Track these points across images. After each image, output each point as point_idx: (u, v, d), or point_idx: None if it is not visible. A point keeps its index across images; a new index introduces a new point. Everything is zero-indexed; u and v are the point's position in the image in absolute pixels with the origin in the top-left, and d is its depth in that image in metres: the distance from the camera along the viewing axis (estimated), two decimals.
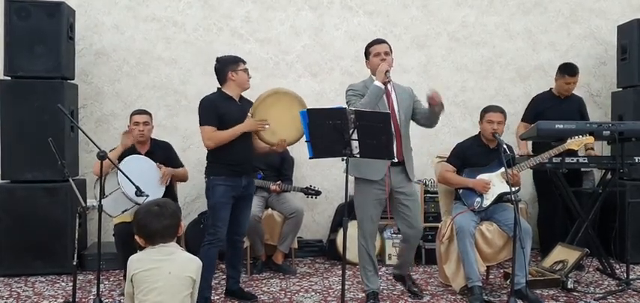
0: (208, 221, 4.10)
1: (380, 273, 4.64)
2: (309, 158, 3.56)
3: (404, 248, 4.26)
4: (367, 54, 4.11)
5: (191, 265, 2.63)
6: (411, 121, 4.13)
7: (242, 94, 4.15)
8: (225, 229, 4.04)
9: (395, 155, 3.87)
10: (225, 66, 4.07)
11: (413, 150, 4.14)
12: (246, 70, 4.10)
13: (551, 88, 5.43)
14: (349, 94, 4.03)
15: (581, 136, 4.38)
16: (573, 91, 5.53)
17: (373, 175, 3.93)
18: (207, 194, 4.07)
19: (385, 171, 3.93)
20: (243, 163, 4.09)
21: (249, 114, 4.00)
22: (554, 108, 5.22)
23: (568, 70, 5.26)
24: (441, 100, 3.86)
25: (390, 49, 4.05)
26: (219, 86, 4.12)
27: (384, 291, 4.46)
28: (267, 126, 3.96)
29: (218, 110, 3.98)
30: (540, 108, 5.29)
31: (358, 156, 3.48)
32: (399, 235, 5.26)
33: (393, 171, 3.98)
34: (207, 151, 4.10)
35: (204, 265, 3.81)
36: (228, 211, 4.03)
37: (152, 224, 2.57)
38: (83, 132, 4.07)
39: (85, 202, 5.02)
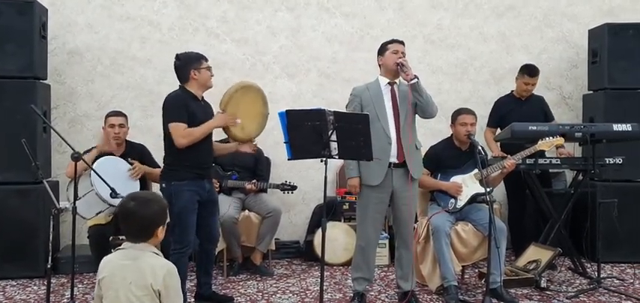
0: (175, 230, 3.80)
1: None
2: (288, 159, 3.55)
3: (401, 254, 4.12)
4: (383, 50, 4.03)
5: (157, 272, 2.31)
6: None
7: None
8: (193, 234, 3.88)
9: (396, 157, 3.91)
10: (187, 64, 3.87)
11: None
12: (209, 69, 3.93)
13: (512, 91, 5.52)
14: (349, 98, 4.05)
15: (551, 138, 4.47)
16: (542, 93, 5.65)
17: (372, 180, 3.90)
18: (170, 201, 3.68)
19: (383, 176, 3.89)
20: (207, 167, 3.99)
21: (219, 110, 3.88)
22: (517, 110, 5.31)
23: (527, 71, 5.36)
24: (407, 64, 3.84)
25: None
26: (181, 84, 3.93)
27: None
28: (238, 121, 3.88)
29: (188, 107, 3.79)
30: (503, 111, 5.38)
31: (337, 157, 3.49)
32: (386, 236, 5.33)
33: (396, 173, 3.94)
34: (166, 155, 3.91)
35: None
36: (195, 217, 3.86)
37: (123, 221, 2.38)
38: (57, 133, 4.01)
39: (58, 203, 4.94)
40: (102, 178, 3.84)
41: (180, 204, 3.79)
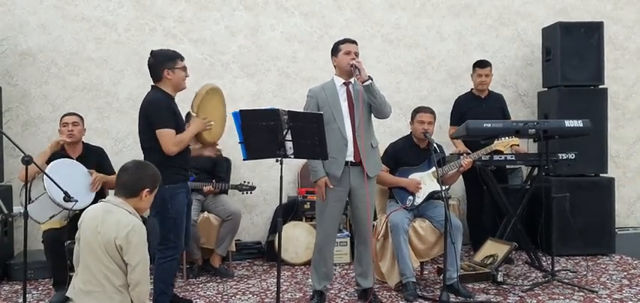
0: (170, 235, 3.69)
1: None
2: (243, 160, 3.54)
3: (360, 252, 4.14)
4: (336, 50, 4.01)
5: (121, 228, 2.56)
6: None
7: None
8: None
9: (352, 156, 3.92)
10: (162, 63, 3.69)
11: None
12: (184, 69, 3.77)
13: (471, 89, 5.64)
14: (306, 99, 4.05)
15: (508, 138, 4.57)
16: (499, 90, 5.76)
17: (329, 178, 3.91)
18: (164, 205, 3.62)
19: (340, 173, 3.90)
20: (189, 168, 3.98)
21: (193, 113, 3.76)
22: (476, 107, 5.44)
23: (478, 63, 5.56)
24: (360, 66, 3.82)
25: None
26: (154, 84, 3.75)
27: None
28: (212, 124, 3.79)
29: (172, 109, 3.66)
30: (463, 109, 5.50)
31: (292, 157, 3.49)
32: (347, 234, 5.36)
33: (353, 171, 3.96)
34: (150, 156, 3.69)
35: (162, 280, 3.73)
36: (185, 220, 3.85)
37: (118, 175, 2.79)
38: (7, 137, 3.89)
39: (12, 209, 4.81)
40: (54, 182, 3.75)
41: (177, 207, 3.69)
